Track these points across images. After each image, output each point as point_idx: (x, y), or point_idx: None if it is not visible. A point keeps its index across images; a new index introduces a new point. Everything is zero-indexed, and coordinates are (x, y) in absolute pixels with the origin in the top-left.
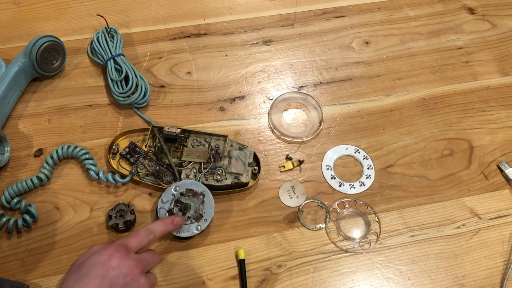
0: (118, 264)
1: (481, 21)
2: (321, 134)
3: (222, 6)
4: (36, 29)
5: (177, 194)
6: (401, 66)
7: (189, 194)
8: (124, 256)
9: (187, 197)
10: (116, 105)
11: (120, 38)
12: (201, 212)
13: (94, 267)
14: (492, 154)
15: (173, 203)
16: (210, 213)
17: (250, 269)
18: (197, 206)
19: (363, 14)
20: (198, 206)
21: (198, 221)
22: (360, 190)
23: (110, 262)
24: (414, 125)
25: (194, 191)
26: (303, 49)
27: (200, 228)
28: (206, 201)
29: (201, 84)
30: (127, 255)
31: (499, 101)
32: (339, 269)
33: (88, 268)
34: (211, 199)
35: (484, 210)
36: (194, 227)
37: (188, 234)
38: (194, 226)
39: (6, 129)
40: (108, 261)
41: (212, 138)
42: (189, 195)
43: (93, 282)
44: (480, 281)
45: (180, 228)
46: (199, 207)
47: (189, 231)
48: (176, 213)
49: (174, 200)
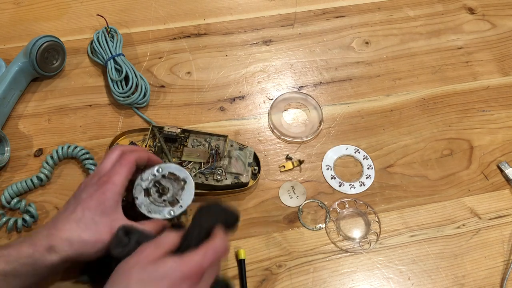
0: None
1: (481, 21)
2: (321, 134)
3: (222, 6)
4: (36, 29)
5: (158, 175)
6: (401, 66)
7: (170, 178)
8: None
9: (168, 180)
10: (116, 105)
11: (120, 38)
12: (178, 197)
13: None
14: (492, 154)
15: (152, 183)
16: (187, 201)
17: (250, 269)
18: (176, 191)
19: (363, 14)
20: (177, 192)
21: (173, 206)
22: (360, 190)
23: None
24: (414, 125)
25: (176, 176)
26: (303, 49)
27: (173, 213)
28: (186, 188)
29: (201, 84)
30: (199, 282)
31: (499, 101)
32: (339, 269)
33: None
34: (192, 187)
35: (484, 210)
36: (167, 211)
37: (159, 216)
38: (167, 211)
39: (6, 129)
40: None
41: (212, 138)
42: (170, 178)
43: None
44: (480, 281)
45: (152, 208)
46: (177, 192)
47: (160, 213)
48: (152, 193)
49: (153, 181)
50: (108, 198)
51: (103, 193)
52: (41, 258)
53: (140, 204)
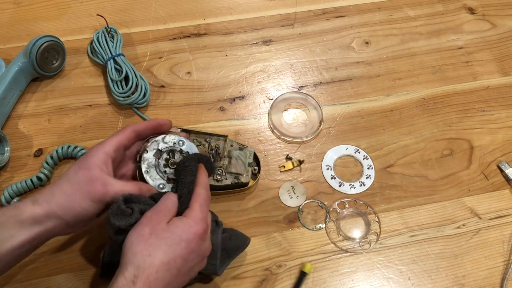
0: (199, 247)
1: (481, 21)
2: (321, 134)
3: (222, 6)
4: (36, 29)
5: (178, 147)
6: (401, 66)
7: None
8: (205, 238)
9: (179, 155)
10: (116, 105)
11: (120, 38)
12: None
13: (179, 245)
14: (492, 154)
15: (168, 149)
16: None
17: (250, 269)
18: None
19: (363, 14)
20: None
21: (168, 182)
22: (360, 190)
23: (193, 244)
24: (414, 125)
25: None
26: (303, 49)
27: (163, 189)
28: None
29: (201, 84)
30: (206, 237)
31: (499, 101)
32: (339, 269)
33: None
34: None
35: (484, 210)
36: (160, 183)
37: (151, 182)
38: (160, 183)
39: (6, 129)
40: (192, 243)
41: (212, 138)
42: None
43: (175, 263)
44: (480, 281)
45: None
46: None
47: (154, 180)
48: (161, 159)
49: (171, 149)
50: (92, 155)
51: (88, 152)
52: (24, 207)
53: (145, 159)
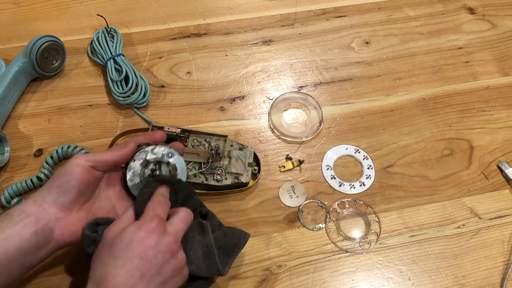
0: (157, 242)
1: (481, 21)
2: (321, 134)
3: (222, 6)
4: (36, 29)
5: (166, 159)
6: (401, 66)
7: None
8: (162, 232)
9: (168, 171)
10: (116, 105)
11: (120, 38)
12: None
13: (131, 246)
14: (492, 154)
15: (156, 160)
16: None
17: (250, 269)
18: None
19: (363, 14)
20: None
21: None
22: (360, 190)
23: (148, 240)
24: (414, 125)
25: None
26: (303, 49)
27: None
28: None
29: (201, 84)
30: (164, 231)
31: (499, 101)
32: (339, 269)
33: (124, 245)
34: None
35: (484, 210)
36: None
37: (135, 192)
38: None
39: (6, 129)
40: (146, 239)
41: (212, 138)
42: (171, 171)
43: (132, 263)
44: (480, 281)
45: (135, 180)
46: None
47: (137, 189)
48: (147, 169)
49: (158, 160)
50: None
51: None
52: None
53: (131, 167)
